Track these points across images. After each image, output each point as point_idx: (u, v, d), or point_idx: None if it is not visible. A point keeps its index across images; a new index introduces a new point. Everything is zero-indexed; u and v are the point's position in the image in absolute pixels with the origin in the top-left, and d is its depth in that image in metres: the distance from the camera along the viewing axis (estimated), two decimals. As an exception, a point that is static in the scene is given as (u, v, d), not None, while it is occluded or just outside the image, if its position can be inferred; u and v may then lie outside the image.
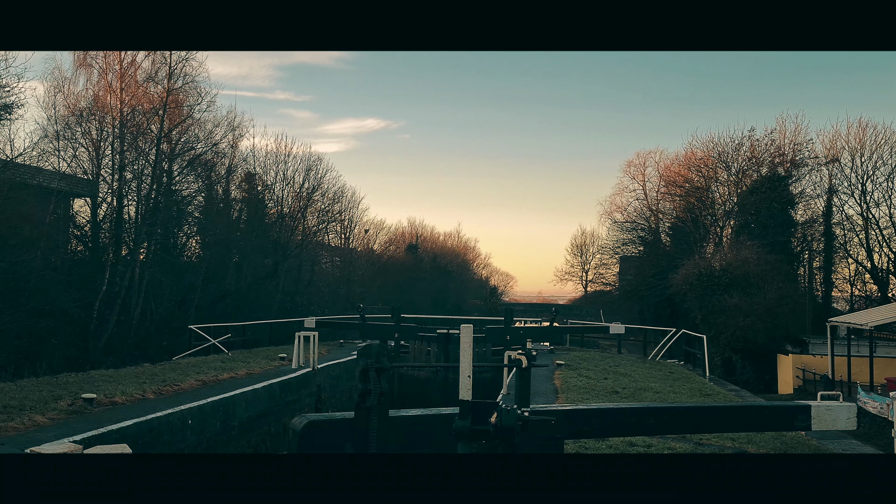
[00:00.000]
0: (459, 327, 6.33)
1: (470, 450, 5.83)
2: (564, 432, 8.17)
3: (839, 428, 9.29)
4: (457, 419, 5.84)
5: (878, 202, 47.45)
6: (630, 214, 60.45)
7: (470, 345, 6.00)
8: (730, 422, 9.41)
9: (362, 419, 7.57)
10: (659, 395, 16.75)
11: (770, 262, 37.94)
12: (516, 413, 5.73)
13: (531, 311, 70.48)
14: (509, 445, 6.49)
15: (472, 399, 5.99)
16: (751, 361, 36.31)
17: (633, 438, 10.79)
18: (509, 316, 26.88)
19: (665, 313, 48.27)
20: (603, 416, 8.42)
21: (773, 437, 11.84)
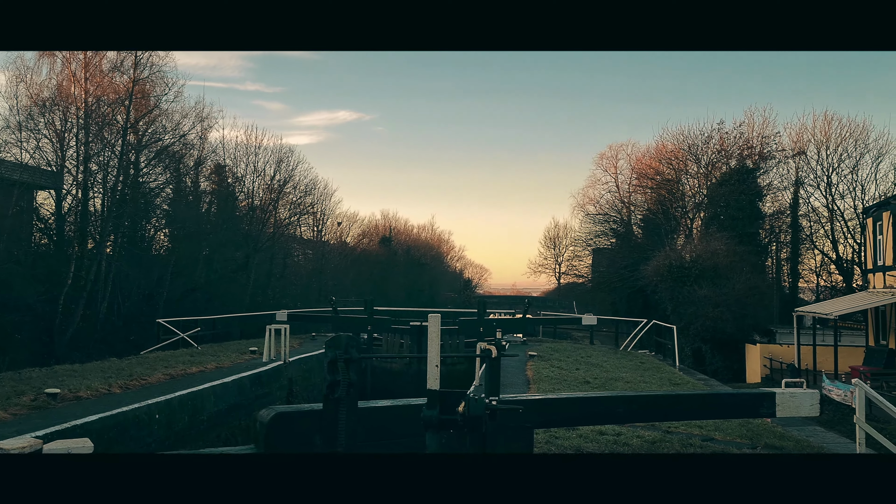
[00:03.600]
0: (428, 317, 6.28)
1: (438, 439, 5.79)
2: (535, 421, 8.18)
3: (803, 414, 9.40)
4: (425, 409, 5.81)
5: (842, 194, 48.30)
6: (602, 207, 60.87)
7: (438, 334, 5.96)
8: (697, 409, 9.49)
9: (331, 410, 7.49)
10: (630, 384, 16.88)
11: (738, 254, 38.43)
12: (484, 402, 5.70)
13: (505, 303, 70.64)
14: (478, 434, 6.48)
15: (440, 389, 5.96)
16: (720, 351, 36.79)
17: (602, 427, 10.85)
18: (482, 308, 26.96)
19: (637, 304, 48.73)
20: (573, 405, 8.43)
21: (740, 424, 11.99)
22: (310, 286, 49.11)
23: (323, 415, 7.42)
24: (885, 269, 30.58)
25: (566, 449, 9.64)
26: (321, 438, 7.50)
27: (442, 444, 6.20)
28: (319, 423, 7.50)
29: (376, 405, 7.69)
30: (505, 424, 7.65)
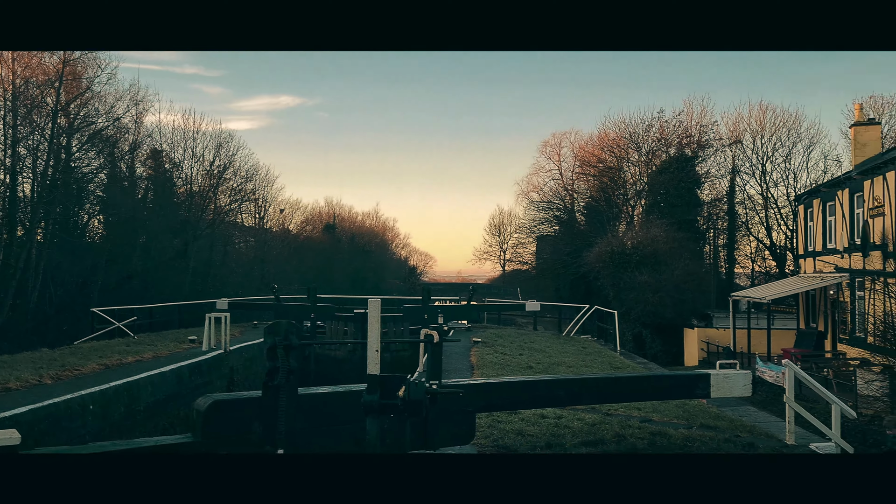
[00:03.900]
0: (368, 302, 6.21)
1: (379, 424, 5.75)
2: (476, 405, 8.21)
3: (736, 395, 9.67)
4: (365, 394, 5.75)
5: (776, 182, 49.84)
6: (546, 194, 61.46)
7: (378, 319, 5.90)
8: (636, 392, 9.67)
9: (270, 398, 7.35)
10: (572, 368, 17.11)
11: (678, 240, 39.30)
12: (424, 386, 5.68)
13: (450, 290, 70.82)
14: (419, 419, 6.46)
15: (381, 374, 5.91)
16: (659, 336, 37.63)
17: (544, 410, 10.97)
18: (427, 295, 26.93)
19: (580, 290, 49.44)
20: (514, 389, 8.50)
21: (677, 405, 12.28)
22: (252, 274, 48.34)
23: (262, 402, 7.29)
24: (815, 255, 31.69)
25: (508, 433, 9.71)
26: (260, 426, 7.38)
27: (383, 428, 6.16)
28: (258, 411, 7.37)
29: (317, 391, 7.59)
30: (447, 409, 7.66)
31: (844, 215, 27.97)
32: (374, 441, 5.74)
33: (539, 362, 17.83)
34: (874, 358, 21.21)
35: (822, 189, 31.30)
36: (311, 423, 7.47)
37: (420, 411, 5.69)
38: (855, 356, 24.39)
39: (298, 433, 7.27)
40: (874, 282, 24.17)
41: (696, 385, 9.57)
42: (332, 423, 7.61)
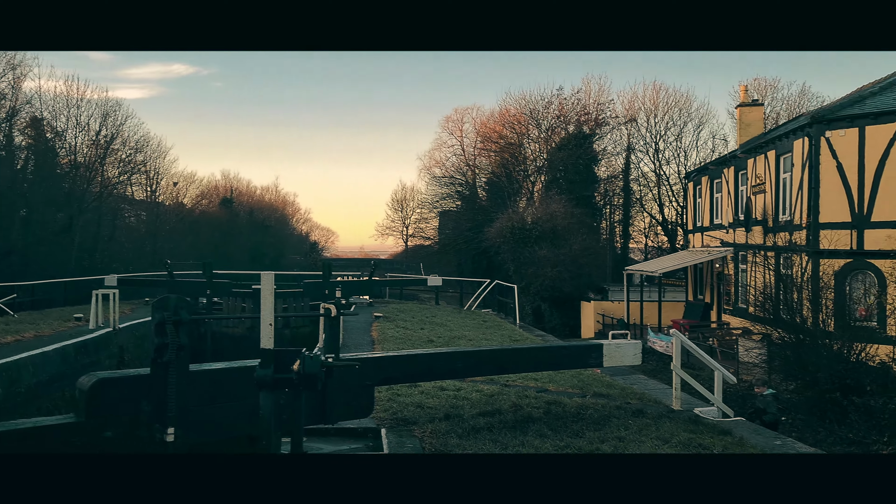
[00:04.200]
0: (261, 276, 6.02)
1: (273, 399, 5.61)
2: (375, 379, 8.17)
3: (627, 363, 10.04)
4: (258, 368, 5.59)
5: (668, 160, 51.92)
6: (448, 169, 61.73)
7: (271, 293, 5.74)
8: (532, 362, 9.88)
9: (159, 375, 7.06)
10: (472, 342, 17.31)
11: (576, 216, 40.34)
12: (319, 359, 5.57)
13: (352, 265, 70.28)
14: (315, 393, 6.35)
15: (274, 348, 5.75)
16: (558, 309, 38.63)
17: (443, 383, 11.06)
18: (328, 270, 26.60)
19: (482, 265, 50.11)
20: (413, 361, 8.50)
21: (572, 375, 12.64)
22: (143, 250, 46.39)
23: (151, 379, 7.01)
24: (703, 230, 33.26)
25: (408, 406, 9.73)
26: (149, 404, 7.10)
27: (279, 404, 6.02)
28: (147, 389, 7.09)
29: (209, 368, 7.35)
30: (345, 382, 7.58)
31: (730, 192, 29.42)
32: (269, 416, 5.61)
33: (440, 336, 17.95)
34: (754, 327, 22.52)
35: (709, 167, 32.81)
36: (204, 401, 7.23)
37: (315, 385, 5.58)
38: (738, 326, 25.83)
39: (191, 411, 7.03)
40: (755, 255, 25.60)
41: (590, 355, 9.87)
42: (225, 400, 7.40)
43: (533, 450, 7.69)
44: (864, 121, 20.49)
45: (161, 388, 7.01)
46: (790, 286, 18.80)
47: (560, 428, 8.69)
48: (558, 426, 8.77)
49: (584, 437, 8.28)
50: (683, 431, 8.74)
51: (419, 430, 8.59)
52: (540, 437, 8.25)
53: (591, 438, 8.24)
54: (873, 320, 19.56)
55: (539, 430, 8.56)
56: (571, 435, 8.39)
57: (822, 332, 16.45)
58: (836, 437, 13.85)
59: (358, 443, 8.46)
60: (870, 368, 15.47)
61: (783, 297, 18.83)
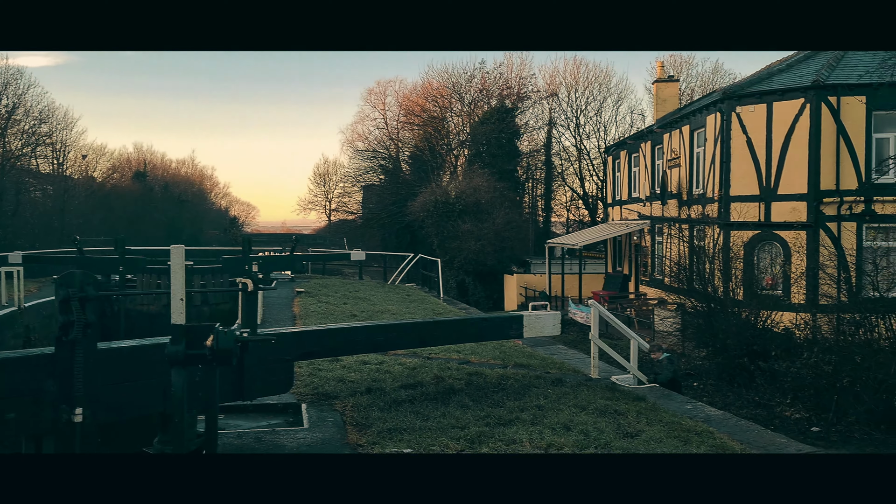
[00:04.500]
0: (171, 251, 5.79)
1: (185, 376, 5.43)
2: (294, 354, 8.04)
3: (546, 334, 10.21)
4: (169, 345, 5.39)
5: (588, 135, 52.84)
6: (371, 143, 61.12)
7: (181, 267, 5.52)
8: (453, 334, 9.93)
9: (64, 354, 6.76)
10: (395, 316, 17.28)
11: (499, 190, 40.64)
12: (234, 334, 5.41)
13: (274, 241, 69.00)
14: (231, 369, 6.19)
15: (186, 323, 5.56)
16: (482, 282, 39.00)
17: (366, 357, 11.00)
18: (248, 246, 25.99)
19: (406, 240, 50.05)
20: (333, 336, 8.40)
21: (494, 346, 12.78)
22: (51, 226, 44.26)
23: (55, 359, 6.70)
24: (621, 203, 34.06)
25: (329, 380, 9.63)
26: (54, 384, 6.80)
27: (194, 381, 5.84)
28: (52, 369, 6.79)
29: (118, 346, 7.07)
30: (263, 358, 7.43)
31: (647, 166, 30.17)
32: (180, 394, 5.43)
33: (363, 311, 17.85)
34: (669, 297, 23.30)
35: (628, 141, 33.54)
36: (114, 380, 6.98)
37: (230, 361, 5.42)
38: (654, 296, 26.66)
39: (100, 390, 6.78)
40: (671, 227, 26.40)
41: (510, 326, 9.99)
42: (136, 379, 7.16)
43: (454, 420, 7.74)
44: (772, 97, 21.28)
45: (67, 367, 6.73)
46: (703, 257, 19.47)
47: (481, 398, 8.77)
48: (479, 397, 8.85)
49: (504, 407, 8.39)
50: (600, 398, 8.97)
51: (340, 404, 8.53)
52: (461, 407, 8.31)
53: (512, 408, 8.35)
54: (779, 289, 20.51)
55: (461, 400, 8.62)
56: (492, 405, 8.49)
57: (731, 301, 17.13)
58: (743, 401, 14.50)
59: (278, 418, 8.34)
60: (775, 335, 16.22)
61: (696, 267, 19.49)
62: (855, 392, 12.47)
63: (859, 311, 13.78)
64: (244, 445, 6.96)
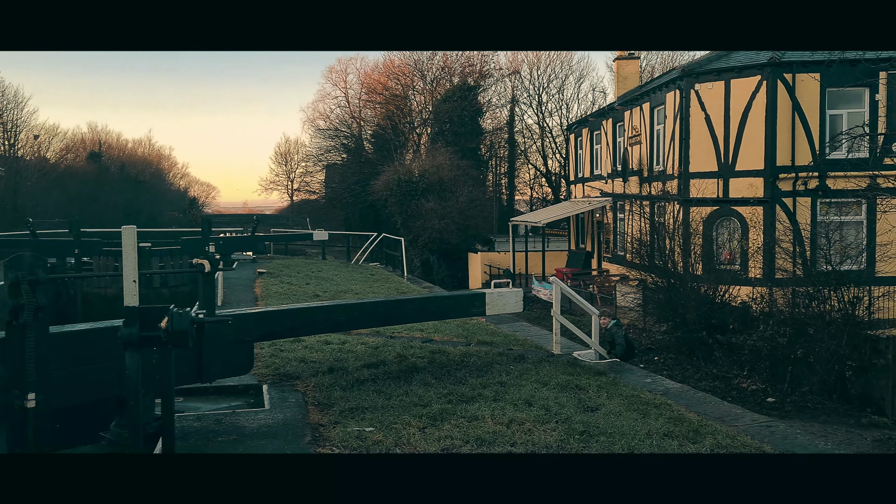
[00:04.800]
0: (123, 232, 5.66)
1: (139, 358, 5.33)
2: (254, 335, 7.95)
3: (509, 311, 10.26)
4: (122, 327, 5.29)
5: (551, 112, 52.91)
6: (333, 122, 60.51)
7: (133, 248, 5.42)
8: (416, 313, 9.92)
9: (15, 339, 6.59)
10: (359, 296, 17.21)
11: (462, 168, 40.59)
12: (189, 316, 5.32)
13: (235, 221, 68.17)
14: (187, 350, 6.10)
15: (140, 305, 5.46)
16: (446, 261, 39.04)
17: (328, 337, 10.95)
18: (207, 226, 25.58)
19: (369, 219, 49.80)
20: (293, 316, 8.32)
21: (458, 324, 12.81)
22: (3, 208, 43.12)
23: (5, 343, 6.54)
24: (584, 181, 34.26)
25: (291, 361, 9.56)
26: (5, 369, 6.65)
27: (151, 364, 5.74)
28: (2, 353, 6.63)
29: (72, 329, 6.92)
30: (222, 339, 7.33)
31: (609, 144, 30.35)
32: (135, 377, 5.34)
33: (326, 291, 17.75)
34: (631, 273, 23.55)
35: (589, 119, 33.67)
36: (68, 364, 6.84)
37: (186, 342, 5.34)
38: (616, 272, 26.95)
39: (53, 374, 6.64)
40: (632, 204, 26.64)
41: (473, 304, 10.01)
42: (91, 362, 7.02)
43: (416, 398, 7.75)
44: (730, 74, 21.51)
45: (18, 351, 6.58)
46: (663, 233, 19.69)
47: (444, 376, 8.80)
48: (442, 374, 8.88)
49: (466, 384, 8.42)
50: (561, 374, 9.05)
51: (302, 385, 8.48)
52: (424, 385, 8.33)
53: (474, 385, 8.39)
54: (737, 264, 20.86)
55: (423, 379, 8.64)
56: (455, 382, 8.52)
57: (690, 276, 17.36)
58: (702, 373, 14.76)
59: (238, 400, 8.26)
60: (733, 308, 16.50)
61: (656, 243, 19.71)
62: (808, 363, 12.77)
63: (813, 284, 14.08)
64: (203, 428, 6.88)
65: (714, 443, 6.56)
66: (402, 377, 8.70)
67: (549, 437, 6.56)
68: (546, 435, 6.61)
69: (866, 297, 14.60)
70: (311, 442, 6.42)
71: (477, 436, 6.49)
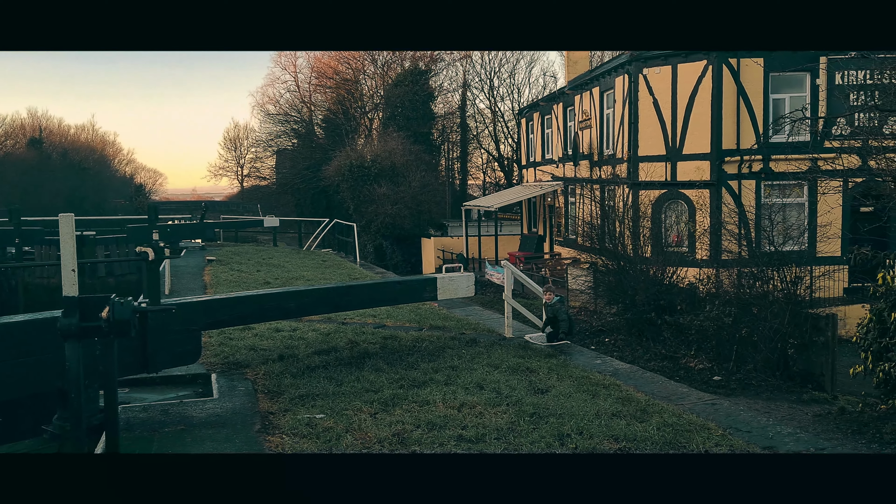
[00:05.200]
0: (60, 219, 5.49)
1: (80, 349, 5.19)
2: (201, 323, 7.83)
3: (461, 295, 10.28)
4: (61, 317, 5.15)
5: (503, 97, 53.01)
6: (283, 107, 59.62)
7: (71, 237, 5.26)
8: (367, 299, 9.88)
9: (-52, 332, 6.39)
10: (310, 282, 17.05)
11: (414, 153, 40.42)
12: (131, 305, 5.19)
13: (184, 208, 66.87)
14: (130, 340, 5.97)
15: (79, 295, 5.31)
16: (399, 246, 38.92)
17: (279, 324, 10.83)
18: (153, 214, 25.07)
19: (321, 205, 49.32)
20: (241, 303, 8.21)
21: (410, 310, 12.79)
22: (-61, 197, 41.57)
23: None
24: (535, 165, 34.46)
25: (240, 349, 9.44)
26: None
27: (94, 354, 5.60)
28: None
29: (8, 321, 6.71)
30: (167, 328, 7.20)
31: (559, 128, 30.56)
32: (76, 368, 5.20)
33: (277, 278, 17.55)
34: (582, 256, 23.79)
35: (540, 103, 33.83)
36: (7, 356, 6.64)
37: (128, 332, 5.21)
38: (568, 256, 27.23)
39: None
40: (583, 188, 26.91)
41: (424, 289, 10.00)
42: (31, 354, 6.82)
43: (368, 384, 7.72)
44: (677, 59, 21.80)
45: (-48, 345, 6.38)
46: (613, 217, 19.94)
47: (395, 361, 8.79)
48: (394, 360, 8.87)
49: (418, 369, 8.43)
50: (513, 357, 9.12)
51: (252, 373, 8.39)
52: (376, 371, 8.31)
53: (426, 369, 8.40)
54: (684, 246, 21.27)
55: (375, 364, 8.62)
56: (406, 367, 8.52)
57: (640, 259, 17.61)
58: (651, 354, 15.01)
59: (186, 389, 8.13)
60: (681, 290, 16.79)
61: (607, 227, 19.95)
62: (752, 342, 13.09)
63: (756, 264, 14.40)
64: (150, 418, 6.76)
65: (661, 421, 6.69)
66: (354, 363, 8.66)
67: (500, 419, 6.61)
68: (497, 417, 6.65)
69: (807, 276, 15.02)
70: (260, 430, 6.36)
71: (428, 420, 6.50)
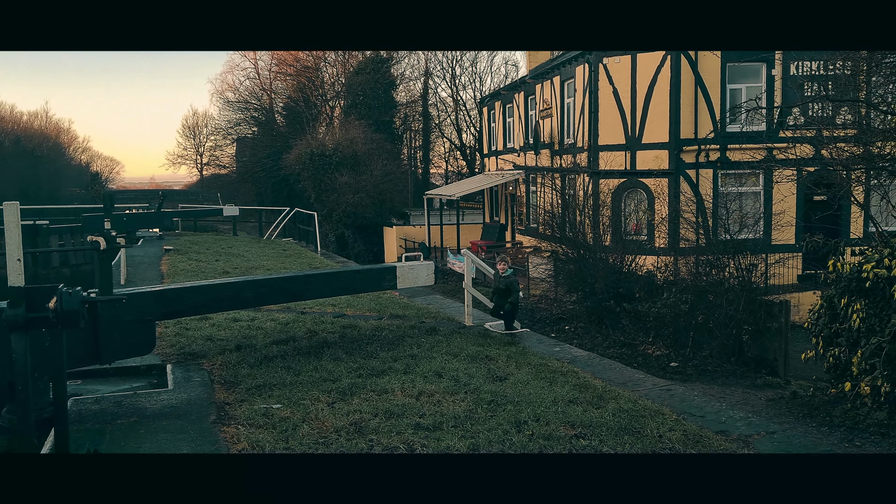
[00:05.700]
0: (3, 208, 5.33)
1: (27, 341, 5.07)
2: (156, 314, 7.69)
3: (420, 284, 10.27)
4: (6, 308, 5.01)
5: (465, 85, 53.06)
6: (242, 94, 58.80)
7: (16, 224, 5.12)
8: (326, 288, 9.80)
9: None
10: (270, 272, 16.87)
11: (376, 141, 40.22)
12: (80, 295, 5.08)
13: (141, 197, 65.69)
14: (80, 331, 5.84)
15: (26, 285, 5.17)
16: (361, 235, 38.75)
17: (237, 314, 10.72)
18: (109, 202, 24.57)
19: (282, 194, 48.81)
20: (197, 293, 8.09)
21: (371, 299, 12.75)
22: None
23: None
24: (497, 154, 34.53)
25: (197, 339, 9.32)
26: None
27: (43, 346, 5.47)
28: None
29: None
30: (120, 319, 7.06)
31: (521, 117, 30.65)
32: (23, 360, 5.08)
33: (236, 267, 17.35)
34: (543, 245, 23.95)
35: (502, 92, 33.88)
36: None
37: (77, 323, 5.10)
38: (529, 244, 27.38)
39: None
40: (544, 177, 27.05)
41: (384, 277, 9.97)
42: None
43: (326, 373, 7.68)
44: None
45: None
46: (573, 205, 20.09)
47: (354, 350, 8.76)
48: (353, 349, 8.83)
49: (377, 358, 8.41)
50: (472, 345, 9.15)
51: (208, 363, 8.29)
52: (334, 360, 8.27)
53: (385, 358, 8.38)
54: (643, 234, 21.54)
55: (334, 353, 8.58)
56: (365, 356, 8.49)
57: (599, 247, 17.80)
58: (610, 341, 15.22)
59: (141, 381, 8.00)
60: (639, 277, 17.02)
61: (567, 215, 20.09)
62: (709, 328, 13.34)
63: (713, 252, 14.66)
64: (102, 410, 6.64)
65: (616, 407, 6.78)
66: (313, 353, 8.61)
67: (458, 407, 6.63)
68: (455, 405, 6.68)
69: (762, 264, 15.35)
70: (215, 421, 6.29)
71: (386, 408, 6.50)
